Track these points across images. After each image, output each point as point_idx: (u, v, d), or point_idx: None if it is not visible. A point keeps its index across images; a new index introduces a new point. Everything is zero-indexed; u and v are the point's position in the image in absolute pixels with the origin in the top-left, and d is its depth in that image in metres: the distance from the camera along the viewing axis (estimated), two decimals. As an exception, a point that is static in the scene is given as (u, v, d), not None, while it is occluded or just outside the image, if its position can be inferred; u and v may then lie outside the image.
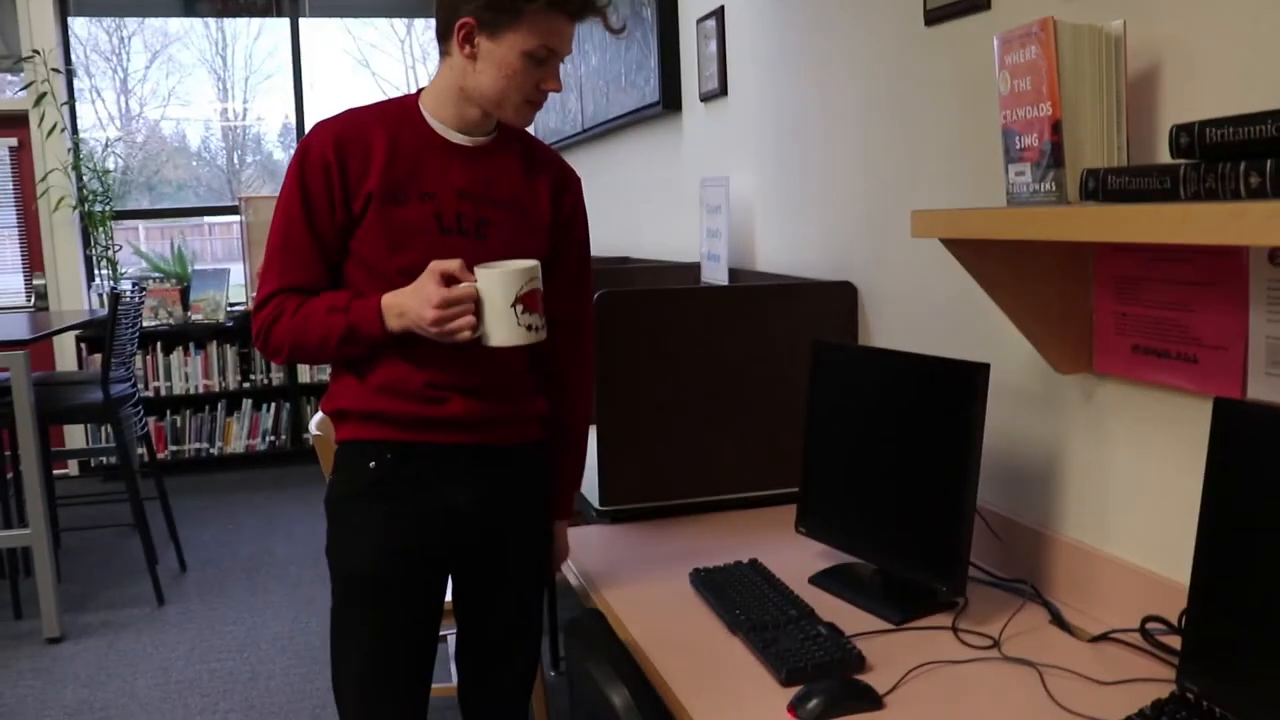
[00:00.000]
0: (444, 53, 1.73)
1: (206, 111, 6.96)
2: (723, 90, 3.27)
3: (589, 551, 2.09)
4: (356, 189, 1.70)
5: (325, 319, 1.69)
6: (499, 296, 1.62)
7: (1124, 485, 1.66)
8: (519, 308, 1.63)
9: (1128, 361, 1.62)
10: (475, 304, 1.63)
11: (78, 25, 6.50)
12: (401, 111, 1.76)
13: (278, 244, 1.73)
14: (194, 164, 7.05)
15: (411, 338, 1.68)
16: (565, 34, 1.68)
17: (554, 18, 1.65)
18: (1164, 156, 1.49)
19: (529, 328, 1.65)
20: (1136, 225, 1.18)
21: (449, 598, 1.93)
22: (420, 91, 1.79)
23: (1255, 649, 1.23)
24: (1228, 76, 1.41)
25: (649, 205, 4.21)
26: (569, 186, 1.88)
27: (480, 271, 1.64)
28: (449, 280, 1.62)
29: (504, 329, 1.64)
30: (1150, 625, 1.55)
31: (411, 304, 1.64)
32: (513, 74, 1.67)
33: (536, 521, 1.93)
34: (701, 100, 3.48)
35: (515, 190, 1.79)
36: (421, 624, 1.84)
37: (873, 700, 1.41)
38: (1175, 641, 1.43)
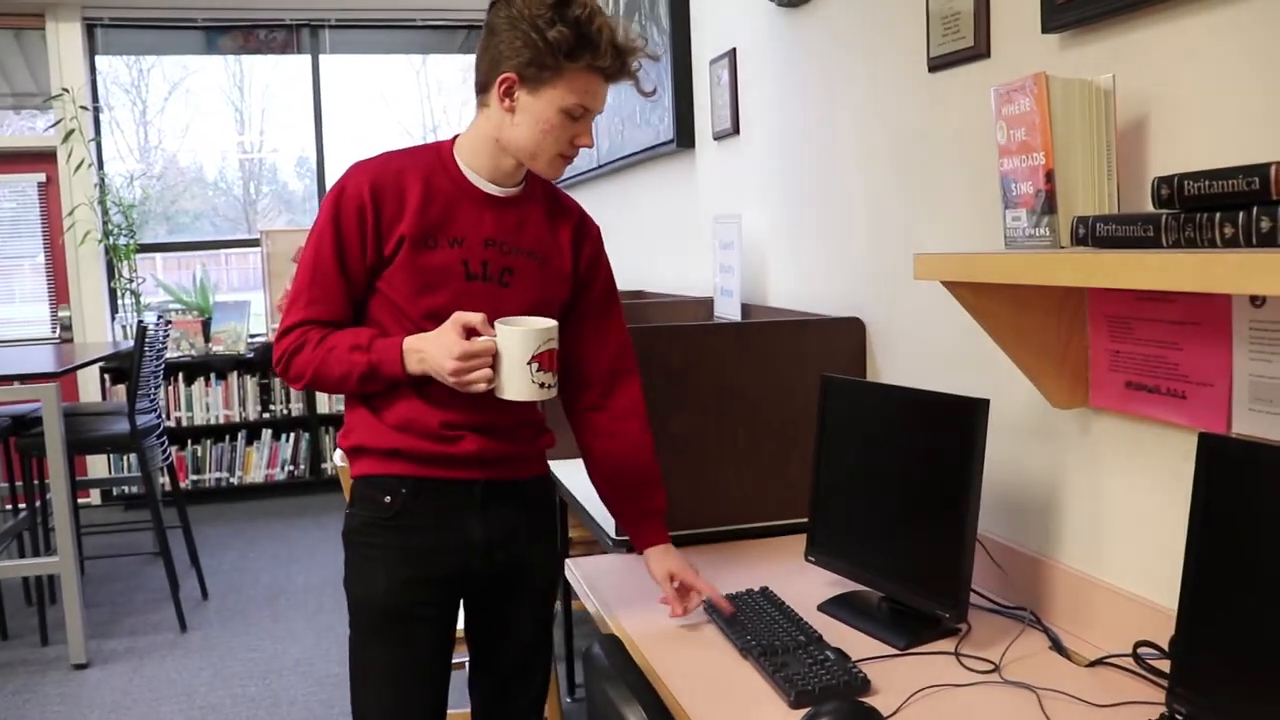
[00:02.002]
0: (482, 104, 1.81)
1: (223, 143, 7.09)
2: (735, 129, 3.36)
3: (605, 579, 2.16)
4: (389, 231, 1.78)
5: (348, 356, 1.76)
6: (517, 353, 1.69)
7: (1118, 515, 1.73)
8: (534, 365, 1.70)
9: (1121, 397, 1.69)
10: (493, 357, 1.70)
11: (101, 62, 6.65)
12: (436, 158, 1.84)
13: (307, 277, 1.80)
14: (210, 194, 7.17)
15: (429, 378, 1.76)
16: (600, 93, 1.78)
17: (591, 78, 1.75)
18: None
19: (542, 385, 1.72)
20: (1121, 271, 1.26)
21: (460, 625, 2.00)
22: (455, 139, 1.87)
23: (1238, 673, 1.30)
24: (1211, 130, 1.49)
25: (663, 240, 4.30)
26: (588, 235, 1.96)
27: (500, 327, 1.70)
28: (469, 332, 1.70)
29: (518, 384, 1.71)
30: (1142, 650, 1.61)
31: (432, 351, 1.71)
32: (549, 128, 1.75)
33: (545, 550, 2.02)
34: (714, 138, 3.57)
35: (539, 239, 1.88)
36: (439, 653, 1.91)
37: (877, 721, 1.47)
38: (1166, 665, 1.50)
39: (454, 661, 1.96)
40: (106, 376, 6.30)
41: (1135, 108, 1.62)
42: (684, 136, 3.81)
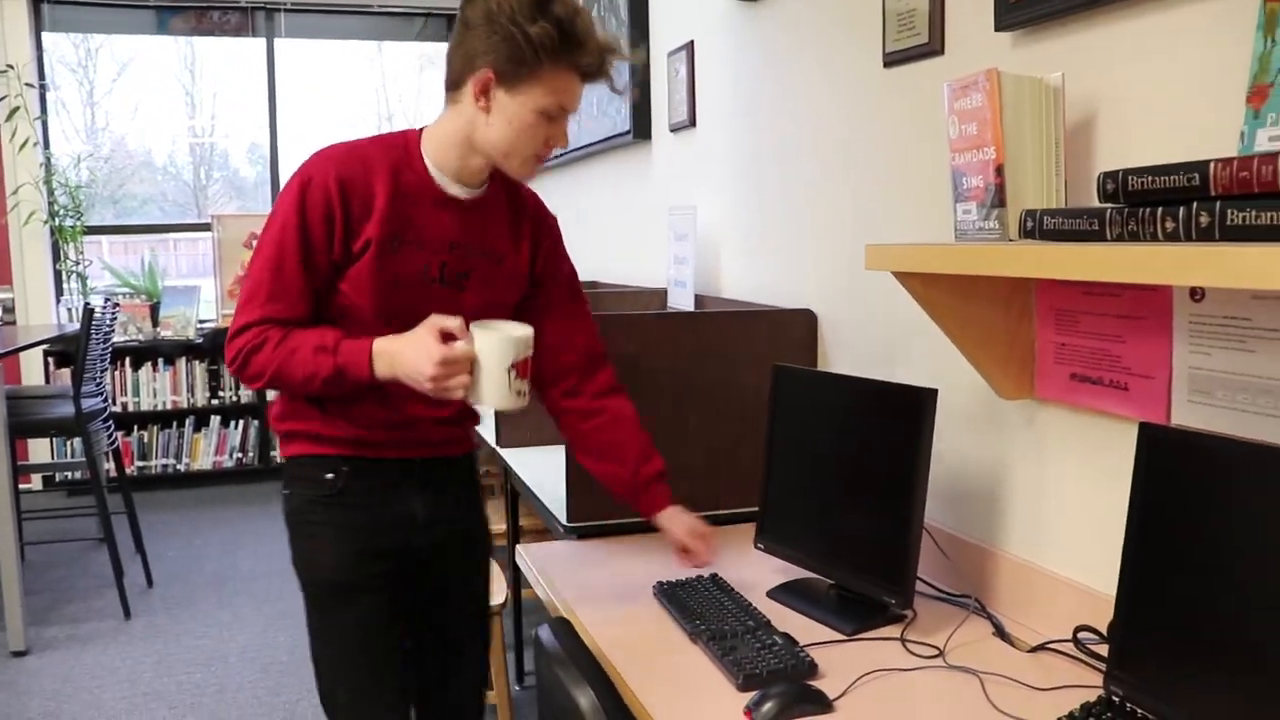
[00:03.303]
0: (452, 100, 1.76)
1: (173, 127, 7.00)
2: (692, 122, 3.37)
3: (557, 565, 2.17)
4: (357, 230, 1.72)
5: (313, 358, 1.69)
6: (496, 360, 1.65)
7: (1061, 504, 1.77)
8: (513, 373, 1.66)
9: (1066, 388, 1.73)
10: (470, 364, 1.65)
11: (48, 39, 6.54)
12: (404, 155, 1.78)
13: (267, 271, 1.71)
14: (159, 179, 7.07)
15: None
16: (577, 93, 1.75)
17: (570, 77, 1.71)
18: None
19: (518, 393, 1.68)
20: (1066, 263, 1.29)
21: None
22: (422, 131, 1.81)
23: (1173, 656, 1.33)
24: (1156, 128, 1.53)
25: (618, 231, 4.31)
26: (546, 230, 1.95)
27: (479, 333, 1.66)
28: (446, 337, 1.65)
29: (496, 393, 1.66)
30: (1082, 635, 1.65)
31: (409, 357, 1.65)
32: (525, 128, 1.71)
33: (480, 524, 2.08)
34: (671, 130, 3.58)
35: (498, 240, 1.87)
36: (395, 623, 1.92)
37: (823, 704, 1.50)
38: (1105, 650, 1.54)
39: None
40: (50, 360, 6.21)
41: (1084, 105, 1.66)
42: (641, 128, 3.83)
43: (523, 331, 1.69)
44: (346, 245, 1.73)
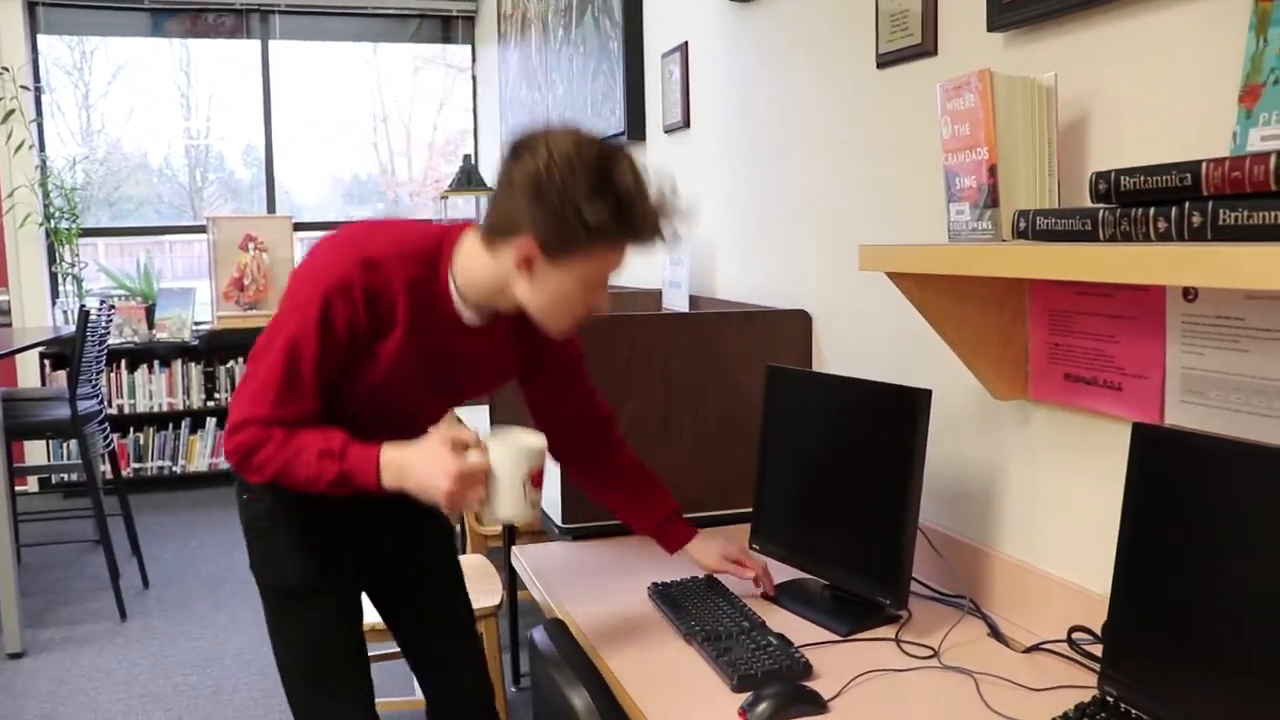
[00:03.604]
0: (490, 246, 1.62)
1: (169, 129, 6.99)
2: (686, 123, 3.37)
3: (552, 566, 2.17)
4: (372, 344, 1.66)
5: (317, 462, 1.61)
6: (511, 473, 1.60)
7: (1055, 505, 1.77)
8: (527, 484, 1.61)
9: (1060, 389, 1.73)
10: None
11: (44, 42, 6.53)
12: (429, 274, 1.68)
13: (279, 373, 1.62)
14: (155, 181, 7.06)
15: (370, 425, 1.69)
16: (624, 258, 1.66)
17: (621, 249, 1.62)
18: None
19: (533, 504, 1.64)
20: (1058, 264, 1.29)
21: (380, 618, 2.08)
22: (454, 250, 1.68)
23: (1167, 655, 1.34)
24: (1149, 128, 1.53)
25: (613, 232, 4.30)
26: (553, 344, 1.88)
27: (493, 445, 1.60)
28: (458, 446, 1.59)
29: (511, 504, 1.61)
30: (1076, 635, 1.65)
31: (421, 470, 1.58)
32: (568, 299, 1.62)
33: (443, 524, 2.08)
34: (665, 131, 3.58)
35: (497, 351, 1.81)
36: (359, 621, 1.93)
37: (818, 705, 1.50)
38: (1099, 650, 1.54)
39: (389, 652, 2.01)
40: (47, 362, 6.19)
41: (1077, 105, 1.66)
42: (635, 129, 3.82)
43: (537, 442, 1.63)
44: (360, 350, 1.67)
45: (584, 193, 1.51)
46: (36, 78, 6.42)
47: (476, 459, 1.57)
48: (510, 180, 1.56)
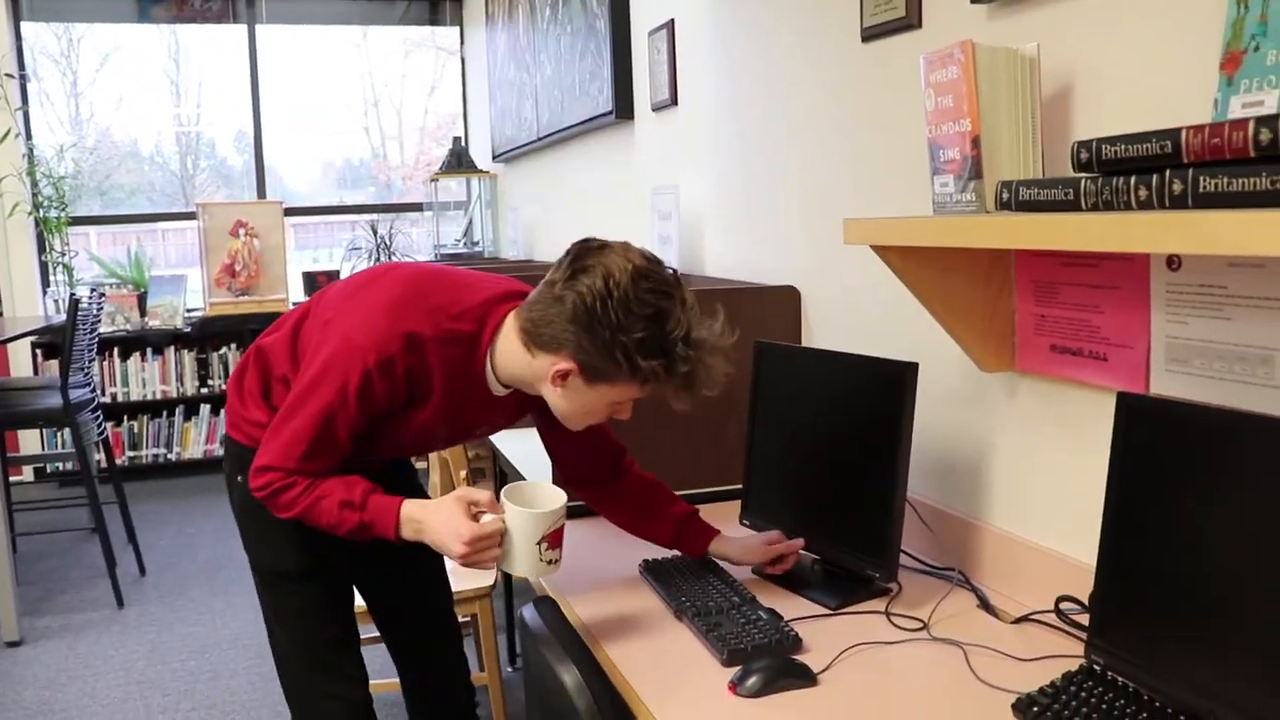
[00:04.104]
0: (527, 346, 1.65)
1: (159, 116, 6.96)
2: (673, 100, 3.36)
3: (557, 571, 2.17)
4: (406, 409, 1.71)
5: (339, 511, 1.66)
6: (526, 534, 1.62)
7: (1043, 475, 1.77)
8: (544, 545, 1.63)
9: (1046, 360, 1.73)
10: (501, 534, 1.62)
11: (28, 29, 6.49)
12: (468, 357, 1.71)
13: (311, 431, 1.65)
14: (146, 169, 7.03)
15: (384, 451, 1.80)
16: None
17: (654, 385, 1.64)
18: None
19: (550, 562, 1.66)
20: (1041, 233, 1.29)
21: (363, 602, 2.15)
22: (493, 338, 1.72)
23: (1152, 624, 1.34)
24: (1131, 96, 1.53)
25: (602, 211, 4.30)
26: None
27: (511, 509, 1.62)
28: (473, 508, 1.63)
29: (526, 564, 1.63)
30: (1064, 605, 1.66)
31: (437, 531, 1.62)
32: (595, 413, 1.68)
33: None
34: (653, 110, 3.57)
35: (514, 404, 1.85)
36: (351, 597, 2.00)
37: (808, 677, 1.50)
38: (1086, 619, 1.54)
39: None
40: (39, 351, 6.18)
41: (1060, 76, 1.65)
42: (622, 108, 3.81)
43: (554, 505, 1.65)
44: (395, 412, 1.72)
45: (635, 335, 1.55)
46: (21, 65, 6.39)
47: (492, 523, 1.60)
48: (561, 298, 1.58)
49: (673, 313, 1.58)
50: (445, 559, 2.14)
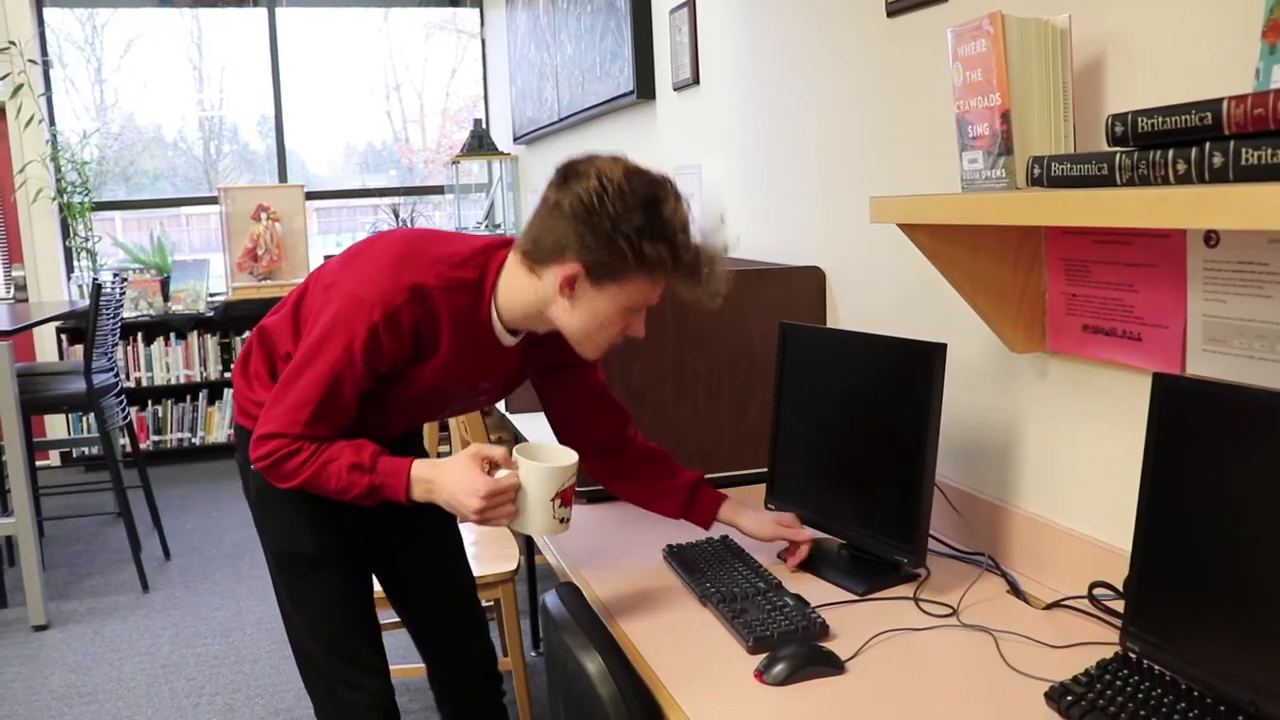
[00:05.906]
0: (530, 269, 1.65)
1: (182, 101, 6.96)
2: (695, 80, 3.32)
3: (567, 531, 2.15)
4: (413, 365, 1.69)
5: (347, 475, 1.64)
6: (540, 491, 1.61)
7: (1075, 459, 1.73)
8: (557, 502, 1.62)
9: (1078, 340, 1.69)
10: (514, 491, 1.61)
11: (52, 15, 6.50)
12: (473, 303, 1.70)
13: (318, 393, 1.63)
14: (170, 154, 7.04)
15: (392, 419, 1.79)
16: (661, 289, 1.67)
17: (662, 280, 1.64)
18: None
19: (562, 520, 1.65)
20: (1074, 210, 1.25)
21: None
22: (496, 277, 1.70)
23: (1190, 611, 1.30)
24: (1167, 67, 1.48)
25: (625, 193, 4.26)
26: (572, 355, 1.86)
27: (524, 463, 1.61)
28: (488, 464, 1.62)
29: (540, 521, 1.62)
30: (1098, 591, 1.62)
31: (451, 487, 1.61)
32: (608, 323, 1.65)
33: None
34: (674, 89, 3.53)
35: (521, 361, 1.84)
36: (370, 581, 1.98)
37: (835, 665, 1.48)
38: (1121, 606, 1.51)
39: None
40: (64, 336, 6.21)
41: (1092, 46, 1.61)
42: (644, 88, 3.77)
43: (567, 460, 1.64)
44: (401, 370, 1.70)
45: (634, 222, 1.55)
46: (44, 51, 6.39)
47: (506, 477, 1.59)
48: (558, 204, 1.59)
49: (667, 200, 1.59)
50: (465, 543, 2.13)
